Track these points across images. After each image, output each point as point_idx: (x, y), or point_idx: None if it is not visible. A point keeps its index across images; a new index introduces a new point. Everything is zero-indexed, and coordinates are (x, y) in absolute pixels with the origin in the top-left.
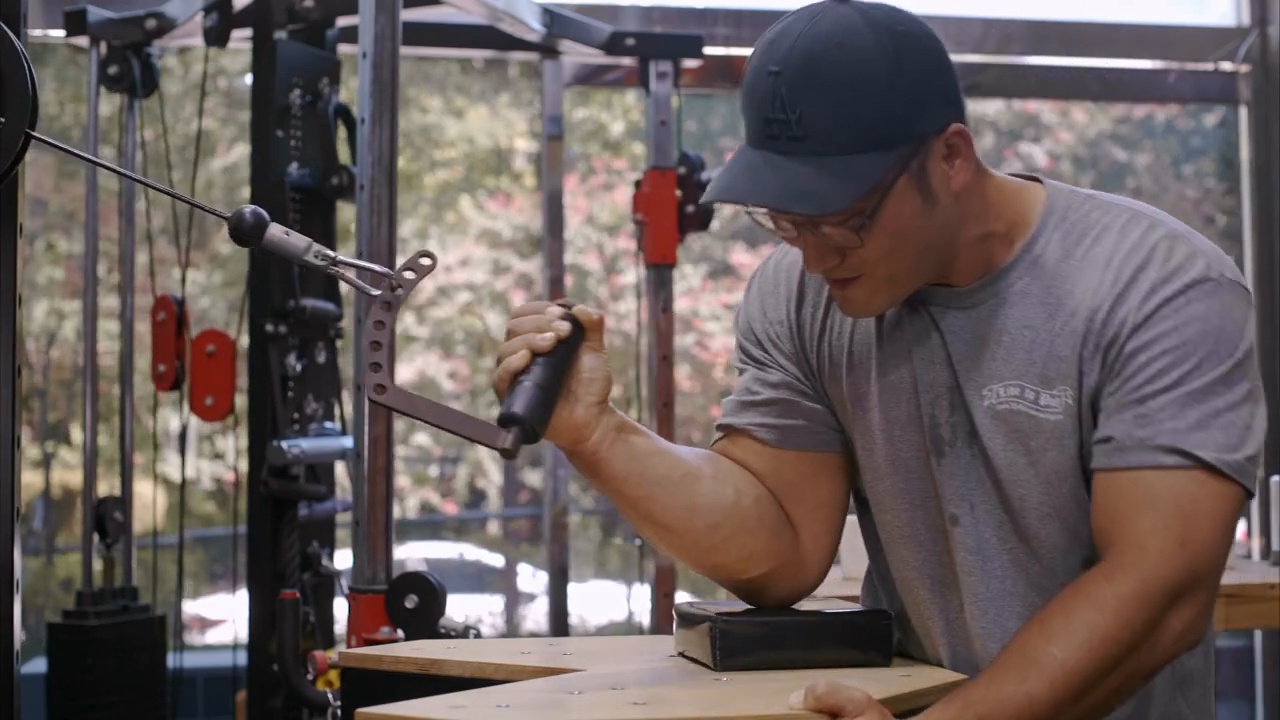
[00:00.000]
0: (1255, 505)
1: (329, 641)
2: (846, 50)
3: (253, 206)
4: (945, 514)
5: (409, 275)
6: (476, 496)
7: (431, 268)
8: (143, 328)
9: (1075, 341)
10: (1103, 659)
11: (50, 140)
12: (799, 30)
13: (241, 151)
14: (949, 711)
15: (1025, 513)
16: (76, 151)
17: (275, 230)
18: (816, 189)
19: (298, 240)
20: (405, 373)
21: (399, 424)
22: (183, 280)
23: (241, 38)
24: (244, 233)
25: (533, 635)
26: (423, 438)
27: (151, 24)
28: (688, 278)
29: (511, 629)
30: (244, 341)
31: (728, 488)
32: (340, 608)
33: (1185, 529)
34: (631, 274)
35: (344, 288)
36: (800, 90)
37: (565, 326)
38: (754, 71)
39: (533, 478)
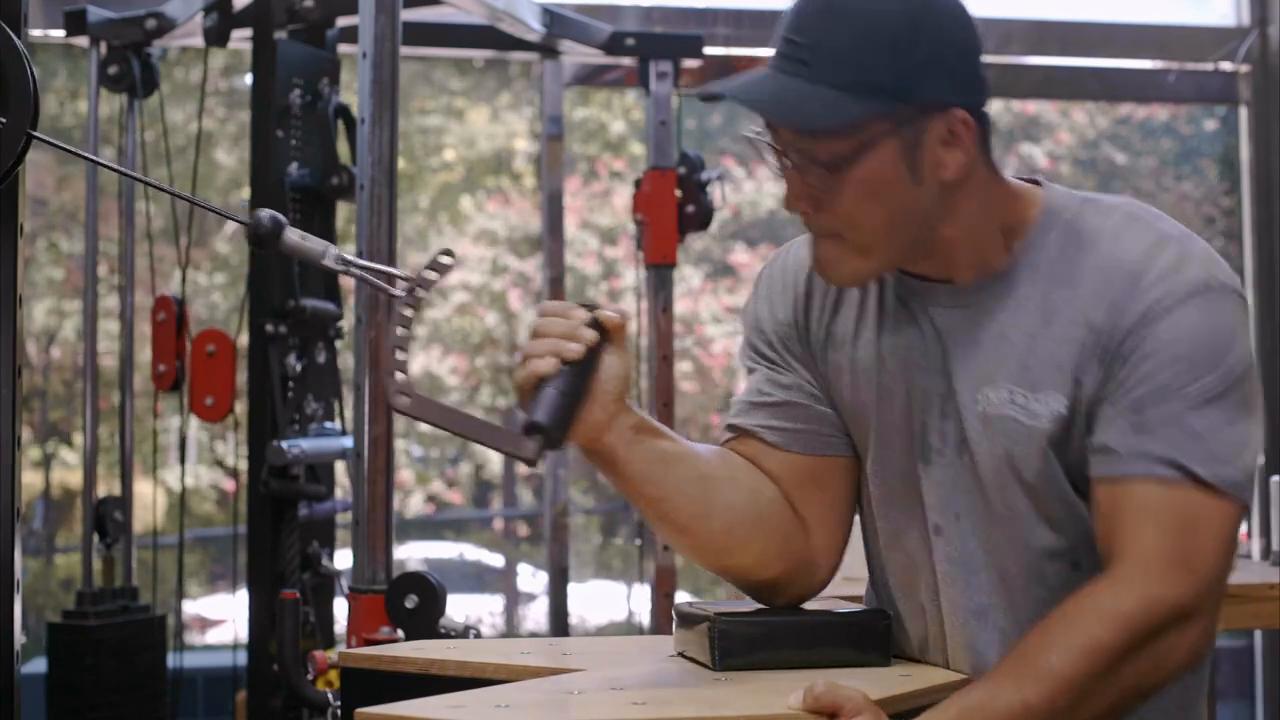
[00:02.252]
0: (1255, 505)
1: (329, 641)
2: None
3: (270, 211)
4: (929, 524)
5: (431, 275)
6: (483, 489)
7: (452, 266)
8: (143, 328)
9: (1073, 349)
10: (1101, 671)
11: (52, 140)
12: None
13: (240, 149)
14: (945, 717)
15: (1013, 521)
16: (80, 152)
17: (293, 234)
18: (803, 106)
19: (315, 244)
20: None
21: (399, 423)
22: (183, 280)
23: (241, 38)
24: (262, 237)
25: (533, 635)
26: (424, 427)
27: (151, 24)
28: (688, 279)
29: (511, 629)
30: (244, 341)
31: (743, 490)
32: (340, 608)
33: (1187, 547)
34: (629, 278)
35: (344, 287)
36: (817, 17)
37: (593, 335)
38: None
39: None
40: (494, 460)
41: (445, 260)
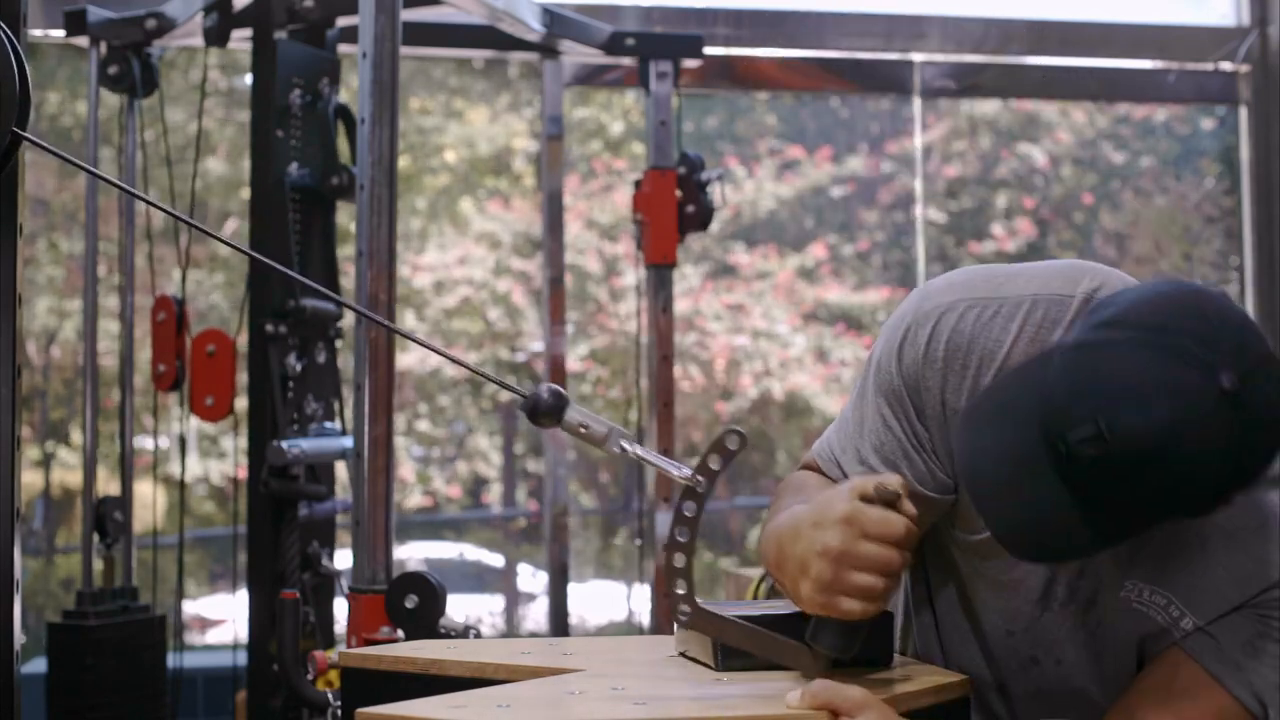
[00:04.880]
0: None
1: (329, 641)
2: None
3: (552, 386)
4: (1026, 653)
5: (715, 464)
6: (478, 483)
7: (739, 450)
8: (143, 328)
9: (1237, 587)
10: None
11: (40, 143)
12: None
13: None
14: None
15: (1118, 685)
16: (68, 157)
17: (574, 414)
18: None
19: (598, 427)
20: (405, 360)
21: (400, 421)
22: (183, 280)
23: (241, 38)
24: (540, 413)
25: (533, 635)
26: (424, 424)
27: (151, 24)
28: (688, 278)
29: (511, 629)
30: (244, 341)
31: None
32: (340, 608)
33: None
34: (630, 276)
35: (345, 288)
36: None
37: (906, 559)
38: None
39: (534, 464)
40: (489, 460)
41: (731, 445)
